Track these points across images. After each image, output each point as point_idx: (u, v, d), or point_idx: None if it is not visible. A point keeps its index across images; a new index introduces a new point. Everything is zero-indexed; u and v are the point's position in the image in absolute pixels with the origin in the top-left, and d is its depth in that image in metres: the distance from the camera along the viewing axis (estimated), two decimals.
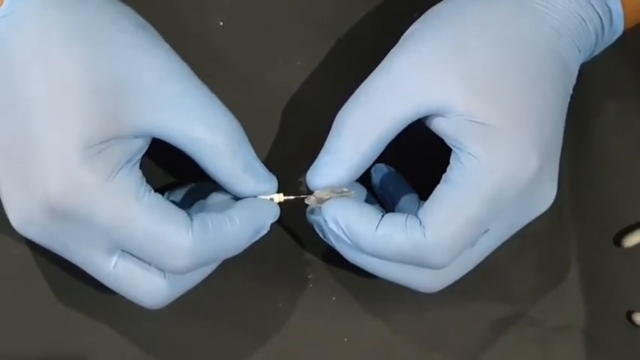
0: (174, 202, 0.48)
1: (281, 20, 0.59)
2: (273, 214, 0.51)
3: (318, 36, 0.59)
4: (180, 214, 0.47)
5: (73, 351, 0.55)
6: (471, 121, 0.48)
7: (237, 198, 0.51)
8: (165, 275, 0.49)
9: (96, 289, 0.52)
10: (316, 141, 0.52)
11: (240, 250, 0.50)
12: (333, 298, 0.57)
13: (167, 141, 0.48)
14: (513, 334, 0.58)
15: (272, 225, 0.51)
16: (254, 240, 0.50)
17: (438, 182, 0.50)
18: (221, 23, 0.59)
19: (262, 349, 0.56)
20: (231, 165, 0.49)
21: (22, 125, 0.46)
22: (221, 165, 0.49)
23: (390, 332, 0.57)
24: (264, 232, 0.51)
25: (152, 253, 0.47)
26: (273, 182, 0.51)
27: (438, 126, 0.50)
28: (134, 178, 0.47)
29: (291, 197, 0.52)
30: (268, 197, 0.51)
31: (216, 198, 0.51)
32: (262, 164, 0.51)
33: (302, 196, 0.51)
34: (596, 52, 0.55)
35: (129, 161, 0.47)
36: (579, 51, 0.52)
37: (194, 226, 0.47)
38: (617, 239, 0.60)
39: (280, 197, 0.51)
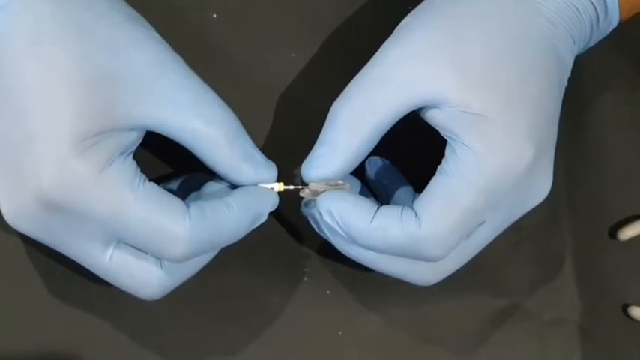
0: (170, 192, 0.48)
1: (275, 12, 0.59)
2: (272, 202, 0.51)
3: (312, 28, 0.59)
4: (176, 201, 0.47)
5: (68, 344, 0.54)
6: (466, 112, 0.48)
7: (234, 187, 0.51)
8: (162, 265, 0.49)
9: (91, 282, 0.52)
10: (311, 133, 0.51)
11: (239, 237, 0.50)
12: (328, 292, 0.57)
13: (162, 134, 0.48)
14: (509, 328, 0.58)
15: (269, 216, 0.51)
16: (252, 228, 0.50)
17: (432, 174, 0.50)
18: (215, 16, 0.58)
19: (256, 342, 0.56)
20: (229, 155, 0.49)
21: (15, 118, 0.46)
22: (219, 156, 0.49)
23: (386, 325, 0.57)
24: (263, 220, 0.51)
25: (149, 243, 0.47)
26: (272, 169, 0.51)
27: (433, 117, 0.50)
28: (128, 168, 0.47)
29: (291, 187, 0.51)
30: (269, 187, 0.51)
31: (211, 187, 0.51)
32: (261, 153, 0.51)
33: (300, 187, 0.51)
34: (591, 44, 0.55)
35: (123, 153, 0.47)
36: (574, 42, 0.52)
37: (191, 213, 0.47)
38: (613, 232, 0.60)
39: (280, 187, 0.51)
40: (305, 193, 0.51)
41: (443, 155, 0.50)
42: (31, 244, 0.54)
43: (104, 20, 0.48)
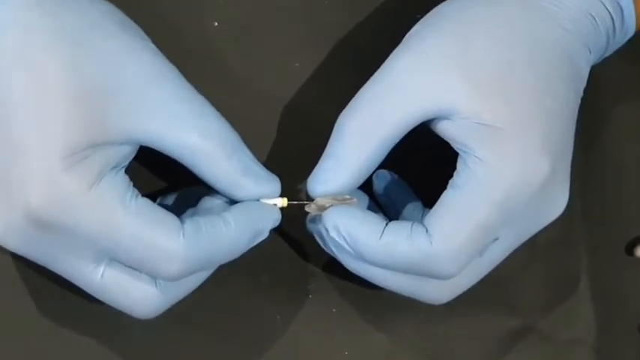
0: (165, 207, 0.47)
1: (279, 20, 0.58)
2: (274, 218, 0.50)
3: (317, 36, 0.58)
4: (170, 217, 0.46)
5: None
6: (478, 123, 0.47)
7: (233, 202, 0.50)
8: (156, 283, 0.48)
9: (83, 300, 0.51)
10: (316, 146, 0.51)
11: (237, 254, 0.49)
12: (334, 310, 0.56)
13: (157, 149, 0.47)
14: (522, 348, 0.57)
15: (271, 232, 0.50)
16: (252, 245, 0.49)
17: (443, 189, 0.49)
18: (216, 24, 0.57)
19: None
20: (228, 170, 0.48)
21: (2, 131, 0.45)
22: (218, 171, 0.48)
23: (393, 346, 0.56)
24: (263, 237, 0.50)
25: (142, 260, 0.46)
26: (275, 183, 0.50)
27: (444, 129, 0.49)
28: (120, 183, 0.46)
29: (294, 202, 0.50)
30: (272, 202, 0.50)
31: (209, 202, 0.50)
32: (262, 166, 0.50)
33: (305, 202, 0.50)
34: (607, 54, 0.54)
35: (114, 167, 0.46)
36: (590, 51, 0.51)
37: (186, 229, 0.46)
38: (630, 249, 0.59)
39: (284, 202, 0.50)
40: (311, 208, 0.50)
41: (453, 169, 0.49)
42: (21, 261, 0.52)
43: (96, 29, 0.47)
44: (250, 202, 0.49)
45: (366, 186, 0.52)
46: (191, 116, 0.47)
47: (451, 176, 0.49)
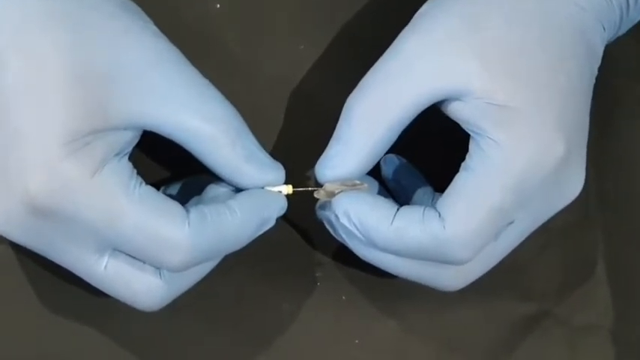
0: (169, 197, 0.47)
1: (283, 2, 0.57)
2: (280, 206, 0.49)
3: (322, 18, 0.57)
4: (175, 206, 0.46)
5: (60, 356, 0.53)
6: (490, 103, 0.47)
7: (239, 191, 0.49)
8: (161, 274, 0.47)
9: (85, 292, 0.50)
10: (324, 131, 0.50)
11: (244, 243, 0.48)
12: (343, 298, 0.56)
13: (159, 133, 0.47)
14: (537, 335, 0.56)
15: (278, 220, 0.49)
16: (258, 233, 0.49)
17: (454, 173, 0.48)
18: (218, 6, 0.56)
19: (265, 353, 0.55)
20: (231, 156, 0.47)
21: (1, 117, 0.44)
22: (220, 157, 0.47)
23: (405, 334, 0.56)
24: (270, 225, 0.49)
25: (146, 250, 0.45)
26: (279, 170, 0.49)
27: (455, 111, 0.48)
28: (123, 170, 0.45)
29: (301, 189, 0.50)
30: (276, 189, 0.49)
31: (214, 191, 0.49)
32: (266, 153, 0.49)
33: (312, 189, 0.50)
34: (621, 32, 0.53)
35: (117, 154, 0.45)
36: (604, 29, 0.50)
37: (191, 218, 0.46)
38: None
39: (289, 189, 0.50)
40: (320, 195, 0.50)
41: (464, 152, 0.48)
42: (21, 251, 0.52)
43: (96, 11, 0.46)
44: (256, 190, 0.49)
45: (374, 171, 0.52)
46: (194, 100, 0.47)
47: (462, 160, 0.48)
